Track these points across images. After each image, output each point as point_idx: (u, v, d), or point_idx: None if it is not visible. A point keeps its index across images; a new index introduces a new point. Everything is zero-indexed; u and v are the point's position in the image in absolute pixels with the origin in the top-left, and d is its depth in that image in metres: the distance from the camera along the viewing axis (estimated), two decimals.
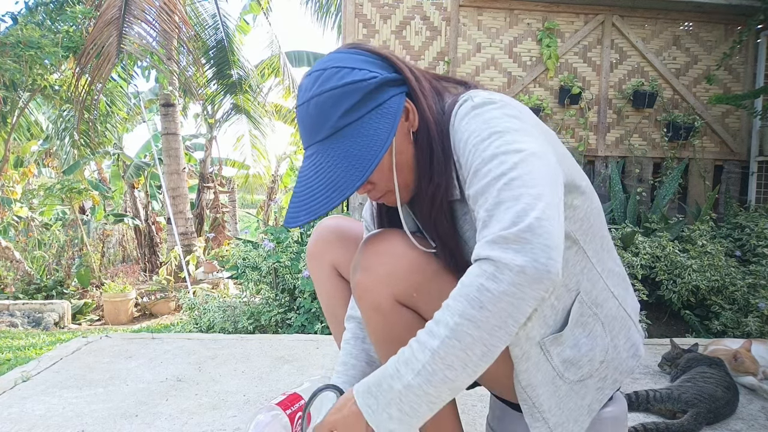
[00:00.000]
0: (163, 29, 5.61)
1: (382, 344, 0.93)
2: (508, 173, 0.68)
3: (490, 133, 0.74)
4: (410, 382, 0.69)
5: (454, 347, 0.66)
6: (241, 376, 1.86)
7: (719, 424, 1.47)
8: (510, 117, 0.76)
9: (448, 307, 0.68)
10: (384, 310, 0.88)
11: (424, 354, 0.68)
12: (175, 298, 6.18)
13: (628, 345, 0.92)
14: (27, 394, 1.66)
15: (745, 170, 3.86)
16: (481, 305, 0.65)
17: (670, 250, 2.88)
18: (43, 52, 4.81)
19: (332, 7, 9.03)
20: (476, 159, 0.73)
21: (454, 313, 0.66)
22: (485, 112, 0.77)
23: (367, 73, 0.79)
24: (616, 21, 3.74)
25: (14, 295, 6.01)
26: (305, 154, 0.83)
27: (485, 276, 0.65)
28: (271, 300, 3.04)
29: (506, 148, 0.71)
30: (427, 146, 0.84)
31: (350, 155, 0.77)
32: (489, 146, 0.73)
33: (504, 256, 0.64)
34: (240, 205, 13.64)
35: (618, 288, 0.93)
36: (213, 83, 8.28)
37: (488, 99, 0.79)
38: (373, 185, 0.86)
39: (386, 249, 0.88)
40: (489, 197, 0.69)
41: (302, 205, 0.78)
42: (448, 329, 0.66)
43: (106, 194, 9.63)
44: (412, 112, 0.83)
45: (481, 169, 0.72)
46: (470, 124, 0.77)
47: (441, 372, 0.67)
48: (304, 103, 0.81)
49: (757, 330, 2.56)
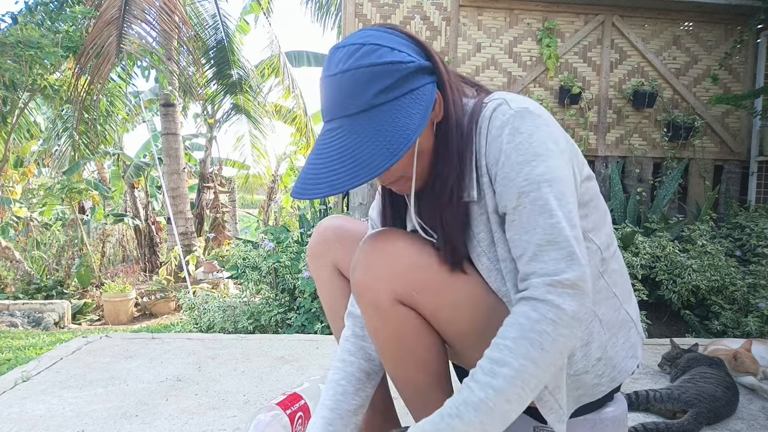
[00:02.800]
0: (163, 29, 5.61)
1: (382, 343, 0.93)
2: (555, 212, 0.75)
3: (534, 154, 0.76)
4: (471, 419, 0.71)
5: (516, 386, 0.71)
6: (241, 376, 1.86)
7: (719, 424, 1.47)
8: (549, 134, 0.79)
9: (508, 348, 0.72)
10: (384, 309, 0.88)
11: (486, 393, 0.71)
12: (175, 298, 6.17)
13: (627, 345, 0.92)
14: (27, 394, 1.66)
15: (745, 170, 3.86)
16: (542, 347, 0.71)
17: (670, 250, 2.88)
18: (42, 52, 4.80)
19: (332, 7, 9.03)
20: (519, 180, 0.76)
21: (517, 356, 0.71)
22: (526, 125, 0.78)
23: (405, 56, 0.78)
24: (616, 21, 3.74)
25: (14, 295, 6.01)
26: (326, 126, 0.80)
27: (546, 321, 0.71)
28: (271, 300, 3.04)
29: (549, 176, 0.76)
30: (448, 138, 0.84)
31: (381, 135, 0.75)
32: (533, 171, 0.76)
33: (561, 302, 0.72)
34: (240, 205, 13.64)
35: (619, 288, 0.93)
36: (213, 83, 8.27)
37: (526, 108, 0.79)
38: (388, 171, 0.83)
39: (387, 247, 0.88)
40: (536, 232, 0.75)
41: (322, 178, 0.76)
42: (513, 370, 0.71)
43: (106, 194, 9.62)
44: (439, 103, 0.83)
45: (528, 194, 0.76)
46: (514, 138, 0.78)
47: (500, 406, 0.71)
48: (336, 74, 0.78)
49: (757, 330, 2.56)
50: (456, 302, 0.88)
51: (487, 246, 0.86)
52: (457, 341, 0.92)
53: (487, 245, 0.86)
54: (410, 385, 0.95)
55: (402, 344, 0.90)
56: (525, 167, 0.76)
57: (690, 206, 3.75)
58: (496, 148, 0.79)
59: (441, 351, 0.94)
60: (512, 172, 0.77)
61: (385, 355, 0.94)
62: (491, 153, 0.80)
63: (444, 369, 0.95)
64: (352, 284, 0.91)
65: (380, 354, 0.95)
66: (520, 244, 0.77)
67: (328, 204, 3.91)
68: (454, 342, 0.93)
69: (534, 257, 0.75)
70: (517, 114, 0.79)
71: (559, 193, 0.76)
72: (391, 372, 0.96)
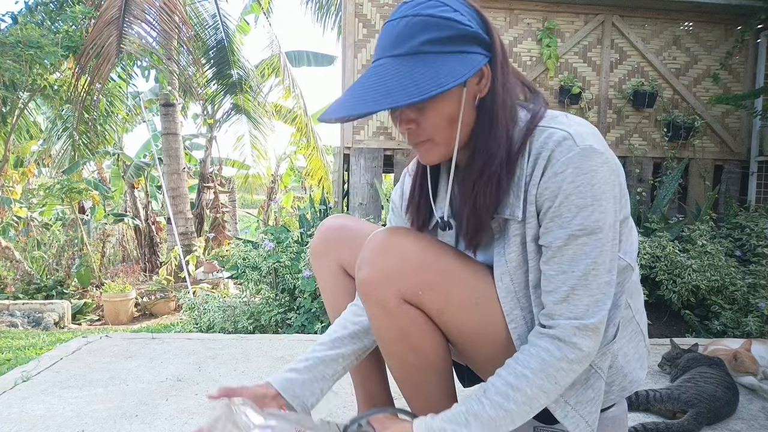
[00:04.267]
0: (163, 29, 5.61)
1: (386, 341, 0.93)
2: (597, 259, 0.79)
3: (593, 198, 0.78)
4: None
5: (524, 411, 0.79)
6: (241, 376, 1.86)
7: (719, 424, 1.47)
8: (608, 174, 0.79)
9: (526, 378, 0.79)
10: (389, 308, 0.88)
11: (497, 412, 0.78)
12: (175, 298, 6.17)
13: (637, 356, 0.94)
14: (27, 394, 1.66)
15: (745, 170, 3.86)
16: (556, 382, 0.79)
17: (670, 250, 2.88)
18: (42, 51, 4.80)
19: (332, 7, 9.03)
20: (574, 224, 0.79)
21: (533, 386, 0.79)
22: (590, 166, 0.78)
23: (466, 19, 0.79)
24: (616, 21, 3.74)
25: (14, 295, 6.01)
26: (372, 65, 0.82)
27: (566, 360, 0.79)
28: (271, 300, 3.04)
29: (602, 224, 0.79)
30: (490, 116, 0.84)
31: (416, 76, 0.75)
32: (589, 217, 0.78)
33: (583, 344, 0.79)
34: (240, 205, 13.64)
35: (634, 299, 0.94)
36: (213, 83, 8.27)
37: (591, 146, 0.79)
38: (419, 127, 0.83)
39: (393, 246, 0.88)
40: (574, 275, 0.79)
41: (349, 103, 0.78)
42: (526, 397, 0.79)
43: (106, 194, 9.62)
44: (487, 79, 0.82)
45: (578, 239, 0.79)
46: (576, 178, 0.78)
47: (505, 426, 0.79)
48: (395, 19, 0.80)
49: (757, 330, 2.56)
50: (461, 303, 0.88)
51: (514, 268, 0.86)
52: (461, 341, 0.92)
53: (514, 267, 0.86)
54: (413, 384, 0.95)
55: (406, 343, 0.90)
56: (582, 212, 0.78)
57: (690, 206, 3.75)
58: (556, 185, 0.79)
59: (445, 351, 0.94)
60: (569, 213, 0.79)
61: (389, 354, 0.94)
62: (549, 187, 0.80)
63: (447, 369, 0.95)
64: (358, 282, 0.91)
65: (384, 352, 0.95)
66: (554, 282, 0.81)
67: (328, 204, 3.91)
68: (458, 342, 0.93)
69: (566, 299, 0.80)
70: (582, 153, 0.78)
71: (606, 239, 0.79)
72: (395, 370, 0.96)
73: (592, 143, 0.79)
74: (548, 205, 0.80)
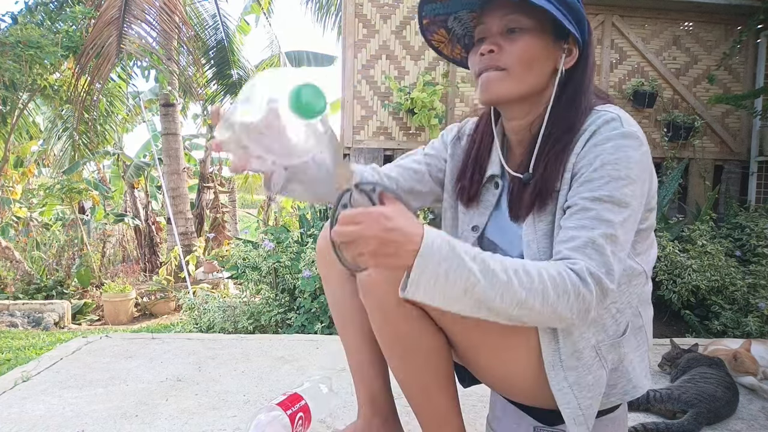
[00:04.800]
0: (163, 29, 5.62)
1: (388, 341, 0.93)
2: (617, 231, 0.79)
3: (626, 176, 0.81)
4: (473, 268, 0.70)
5: (518, 296, 0.72)
6: (241, 376, 1.86)
7: (719, 424, 1.47)
8: (644, 161, 0.83)
9: (540, 275, 0.73)
10: (390, 308, 0.88)
11: (503, 275, 0.71)
12: (175, 298, 6.17)
13: (643, 365, 0.95)
14: (27, 394, 1.66)
15: (745, 170, 3.86)
16: (556, 301, 0.73)
17: (670, 250, 2.88)
18: (42, 51, 4.81)
19: (332, 7, 9.04)
20: (604, 190, 0.80)
21: (541, 282, 0.73)
22: (631, 146, 0.82)
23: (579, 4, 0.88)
24: (616, 21, 3.74)
25: (14, 295, 6.01)
26: None
27: (575, 289, 0.74)
28: (271, 300, 3.04)
29: (629, 201, 0.80)
30: (576, 90, 0.89)
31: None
32: (619, 189, 0.80)
33: (593, 289, 0.75)
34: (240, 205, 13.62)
35: (643, 308, 0.95)
36: (213, 83, 8.28)
37: (635, 132, 0.84)
38: (502, 52, 0.87)
39: None
40: (594, 232, 0.78)
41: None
42: (529, 288, 0.72)
43: (106, 194, 9.62)
44: (572, 58, 0.89)
45: (603, 203, 0.80)
46: (616, 152, 0.82)
47: (497, 289, 0.71)
48: None
49: (757, 330, 2.56)
50: None
51: (542, 236, 0.88)
52: (462, 342, 0.92)
53: (542, 235, 0.88)
54: (415, 384, 0.95)
55: (408, 343, 0.90)
56: (614, 182, 0.80)
57: (690, 206, 3.75)
58: (594, 155, 0.83)
59: (446, 351, 0.94)
60: (601, 180, 0.81)
61: (390, 354, 0.94)
62: (587, 156, 0.84)
63: (449, 369, 0.95)
64: (359, 282, 0.91)
65: (386, 352, 0.95)
66: (571, 232, 0.80)
67: (327, 204, 3.90)
68: (459, 343, 0.93)
69: (583, 248, 0.77)
70: (626, 134, 0.83)
71: (629, 219, 0.81)
72: (396, 370, 0.96)
73: (636, 130, 0.84)
74: (583, 171, 0.83)
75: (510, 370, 0.91)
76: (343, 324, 1.13)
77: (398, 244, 0.67)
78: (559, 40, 0.89)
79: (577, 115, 0.88)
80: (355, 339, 1.10)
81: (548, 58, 0.88)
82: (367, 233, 0.66)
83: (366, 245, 0.66)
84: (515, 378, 0.91)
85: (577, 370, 0.85)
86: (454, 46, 1.02)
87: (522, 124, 0.94)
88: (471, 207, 1.02)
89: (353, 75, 3.77)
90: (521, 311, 0.73)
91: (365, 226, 0.66)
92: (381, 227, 0.66)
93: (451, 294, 0.71)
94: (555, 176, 0.87)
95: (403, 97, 3.59)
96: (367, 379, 1.12)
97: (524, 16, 0.86)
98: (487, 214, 0.99)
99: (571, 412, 0.84)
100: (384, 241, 0.66)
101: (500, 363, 0.91)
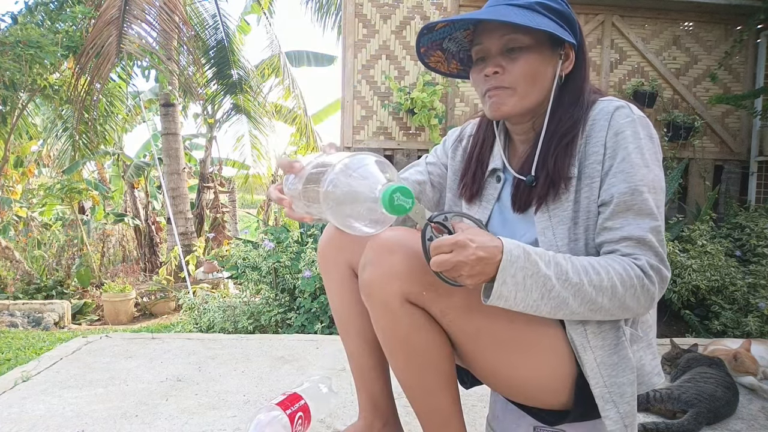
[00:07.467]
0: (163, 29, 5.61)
1: (390, 341, 0.93)
2: (658, 218, 0.86)
3: (651, 160, 0.87)
4: (548, 274, 0.80)
5: (587, 296, 0.81)
6: (241, 376, 1.86)
7: (719, 424, 1.47)
8: (658, 145, 0.90)
9: (608, 272, 0.82)
10: (392, 308, 0.88)
11: (574, 276, 0.81)
12: (175, 298, 6.17)
13: (654, 363, 0.95)
14: (27, 394, 1.66)
15: (745, 170, 3.86)
16: (624, 294, 0.82)
17: (670, 250, 2.88)
18: (42, 51, 4.81)
19: (332, 7, 9.03)
20: (637, 178, 0.86)
21: (610, 279, 0.81)
22: (648, 132, 0.89)
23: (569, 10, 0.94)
24: (616, 21, 3.74)
25: (14, 295, 6.00)
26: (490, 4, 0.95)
27: (641, 283, 0.82)
28: (271, 300, 3.04)
29: (659, 185, 0.87)
30: (577, 87, 0.94)
31: (534, 17, 0.88)
32: (648, 175, 0.86)
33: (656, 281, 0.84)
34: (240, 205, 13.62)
35: (652, 309, 0.96)
36: (213, 83, 8.26)
37: (645, 118, 0.90)
38: (505, 72, 0.91)
39: (397, 246, 0.87)
40: (645, 225, 0.85)
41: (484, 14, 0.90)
42: (599, 285, 0.81)
43: (106, 194, 9.61)
44: (570, 62, 0.94)
45: (641, 194, 0.85)
46: (636, 139, 0.87)
47: (567, 291, 0.81)
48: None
49: (757, 330, 2.56)
50: (465, 304, 0.88)
51: (557, 223, 0.91)
52: (464, 343, 0.92)
53: (557, 222, 0.91)
54: (416, 385, 0.95)
55: (410, 344, 0.90)
56: (642, 169, 0.86)
57: (690, 206, 3.75)
58: (617, 144, 0.88)
59: (448, 352, 0.93)
60: (632, 169, 0.86)
61: (392, 354, 0.94)
62: (610, 146, 0.88)
63: (451, 370, 0.95)
64: (361, 283, 0.91)
65: (387, 353, 0.95)
66: (624, 230, 0.85)
67: None
68: (461, 343, 0.93)
69: (640, 244, 0.84)
70: (640, 119, 0.89)
71: (660, 202, 0.87)
72: (397, 370, 0.96)
73: (644, 116, 0.90)
74: (609, 163, 0.88)
75: (515, 370, 0.91)
76: (344, 327, 1.13)
77: (485, 261, 0.77)
78: (556, 47, 0.92)
79: (581, 110, 0.93)
80: (356, 342, 1.11)
81: (548, 68, 0.93)
82: (461, 258, 0.76)
83: (462, 268, 0.77)
84: (519, 378, 0.91)
85: (605, 349, 0.89)
86: (450, 62, 1.06)
87: (525, 127, 0.99)
88: (474, 202, 1.05)
89: (353, 75, 3.77)
90: (593, 306, 0.82)
91: (456, 253, 0.76)
92: (469, 252, 0.76)
93: (529, 299, 0.80)
94: (566, 167, 0.92)
95: (403, 97, 3.59)
96: (368, 382, 1.12)
97: (522, 34, 0.90)
98: (489, 207, 1.02)
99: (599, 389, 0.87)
100: (474, 261, 0.76)
101: (501, 365, 0.91)
